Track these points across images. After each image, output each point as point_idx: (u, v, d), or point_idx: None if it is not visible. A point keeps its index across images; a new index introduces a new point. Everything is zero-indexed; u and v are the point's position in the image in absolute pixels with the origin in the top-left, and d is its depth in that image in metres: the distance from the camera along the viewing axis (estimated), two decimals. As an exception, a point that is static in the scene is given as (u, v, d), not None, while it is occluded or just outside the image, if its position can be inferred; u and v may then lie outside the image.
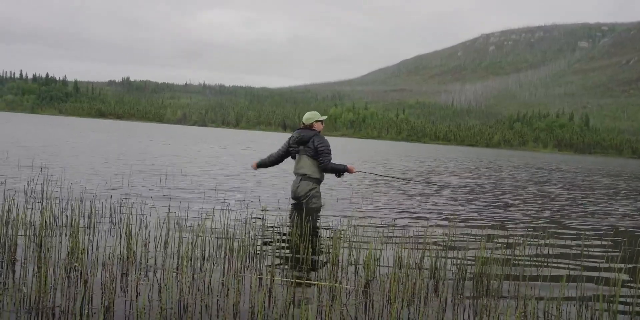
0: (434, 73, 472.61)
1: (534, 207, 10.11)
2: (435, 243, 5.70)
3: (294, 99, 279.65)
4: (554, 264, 5.18)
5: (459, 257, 5.07)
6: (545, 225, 7.76)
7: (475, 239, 6.26)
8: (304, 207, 7.67)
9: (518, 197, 12.22)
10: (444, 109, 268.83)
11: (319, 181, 7.79)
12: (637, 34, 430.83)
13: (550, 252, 5.66)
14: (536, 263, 5.15)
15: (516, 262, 5.07)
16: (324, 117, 8.10)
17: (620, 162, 77.98)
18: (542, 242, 6.18)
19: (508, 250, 5.58)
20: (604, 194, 14.93)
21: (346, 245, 5.14)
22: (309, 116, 7.99)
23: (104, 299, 3.28)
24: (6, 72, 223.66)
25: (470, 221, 7.72)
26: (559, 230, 7.36)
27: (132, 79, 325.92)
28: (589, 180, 21.78)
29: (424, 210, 8.57)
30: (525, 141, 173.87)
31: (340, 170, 7.75)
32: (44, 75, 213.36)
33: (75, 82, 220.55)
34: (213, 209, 6.93)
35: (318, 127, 7.95)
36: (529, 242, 6.03)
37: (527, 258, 5.30)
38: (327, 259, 4.64)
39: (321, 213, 7.45)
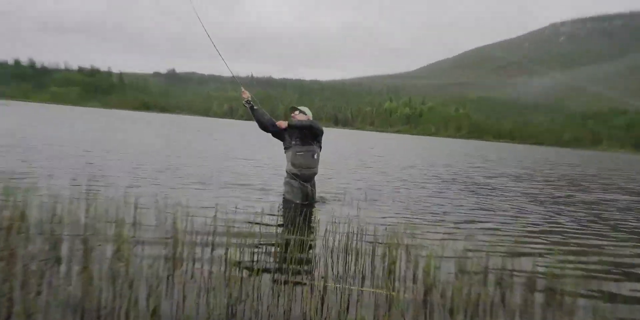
0: (497, 65, 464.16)
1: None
2: (501, 251, 5.56)
3: (345, 92, 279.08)
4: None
5: (528, 266, 4.93)
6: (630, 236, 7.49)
7: (547, 247, 6.09)
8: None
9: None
10: (507, 104, 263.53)
11: (287, 172, 8.18)
12: None
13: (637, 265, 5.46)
14: (619, 278, 4.97)
15: (595, 275, 4.91)
16: (300, 108, 8.44)
17: None
18: (627, 253, 5.96)
19: (586, 261, 5.40)
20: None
21: (402, 250, 5.08)
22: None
23: (150, 301, 3.33)
24: (51, 63, 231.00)
25: (539, 227, 7.53)
26: None
27: (177, 70, 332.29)
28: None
29: (488, 215, 8.40)
30: (599, 140, 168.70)
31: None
32: (88, 67, 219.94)
33: (120, 74, 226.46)
34: (262, 210, 6.97)
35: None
36: (610, 254, 5.84)
37: (609, 272, 5.13)
38: (383, 264, 4.59)
39: (369, 213, 7.38)
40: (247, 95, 8.21)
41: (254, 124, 8.43)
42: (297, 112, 8.37)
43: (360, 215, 7.19)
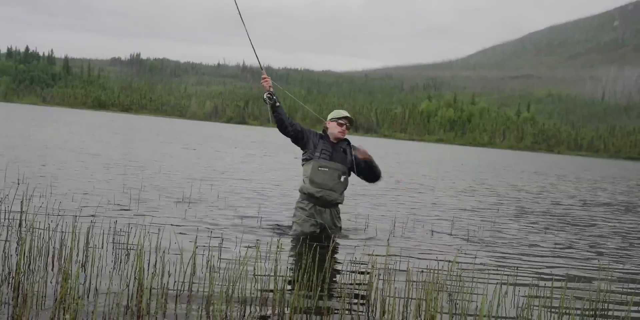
0: (576, 52, 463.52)
1: None
2: (581, 297, 5.53)
3: (370, 87, 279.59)
4: None
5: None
6: None
7: None
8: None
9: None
10: (589, 105, 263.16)
11: (300, 192, 8.19)
12: None
13: None
14: None
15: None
16: (341, 114, 8.23)
17: None
18: None
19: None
20: None
21: (444, 298, 5.06)
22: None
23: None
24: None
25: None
26: None
27: (143, 56, 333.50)
28: None
29: (567, 257, 8.36)
30: None
31: None
32: (22, 49, 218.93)
33: (66, 60, 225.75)
34: (257, 243, 6.95)
35: (331, 127, 8.22)
36: None
37: None
38: (418, 317, 4.58)
39: (400, 250, 7.37)
40: (269, 83, 7.98)
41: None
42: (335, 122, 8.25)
43: (388, 253, 7.18)
